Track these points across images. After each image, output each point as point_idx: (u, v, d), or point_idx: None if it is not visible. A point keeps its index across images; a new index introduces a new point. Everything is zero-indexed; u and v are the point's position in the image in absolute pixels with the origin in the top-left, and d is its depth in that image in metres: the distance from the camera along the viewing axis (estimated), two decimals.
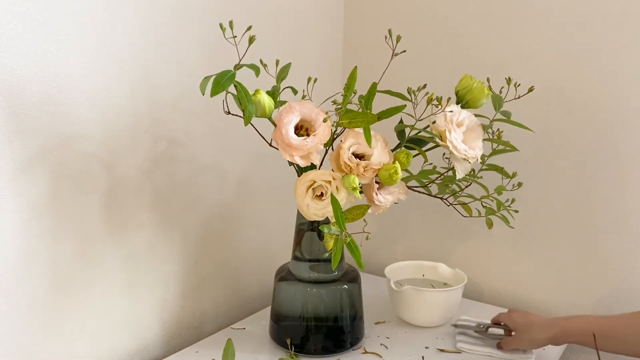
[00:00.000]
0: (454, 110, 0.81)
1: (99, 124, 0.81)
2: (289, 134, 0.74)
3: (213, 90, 0.68)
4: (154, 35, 0.86)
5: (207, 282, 1.03)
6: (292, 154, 0.75)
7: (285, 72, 0.80)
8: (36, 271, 0.77)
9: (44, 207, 0.76)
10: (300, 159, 0.75)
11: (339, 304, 0.90)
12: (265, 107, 0.75)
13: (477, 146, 0.82)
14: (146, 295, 0.93)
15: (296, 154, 0.75)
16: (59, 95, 0.75)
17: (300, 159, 0.75)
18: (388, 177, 0.77)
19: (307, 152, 0.75)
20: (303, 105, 0.76)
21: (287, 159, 0.75)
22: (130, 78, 0.84)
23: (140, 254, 0.90)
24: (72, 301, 0.82)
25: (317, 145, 0.75)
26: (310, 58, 1.18)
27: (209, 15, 0.93)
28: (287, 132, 0.74)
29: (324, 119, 0.75)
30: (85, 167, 0.80)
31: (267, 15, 1.05)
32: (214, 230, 1.03)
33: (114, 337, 0.89)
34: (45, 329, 0.79)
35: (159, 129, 0.90)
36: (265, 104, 0.75)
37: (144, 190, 0.89)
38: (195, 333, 1.02)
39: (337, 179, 0.77)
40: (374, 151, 0.77)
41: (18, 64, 0.71)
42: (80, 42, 0.77)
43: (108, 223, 0.85)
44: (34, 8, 0.71)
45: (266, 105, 0.75)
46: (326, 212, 0.77)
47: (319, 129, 0.75)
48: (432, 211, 1.21)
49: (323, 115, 0.76)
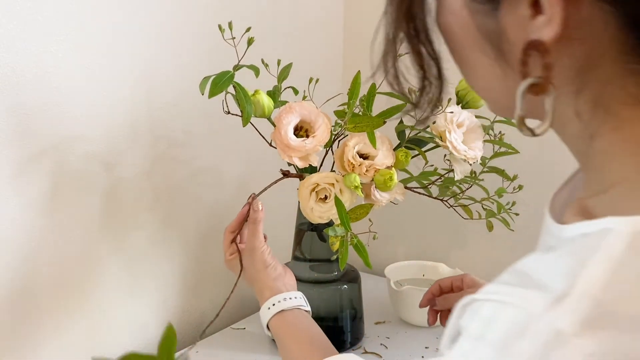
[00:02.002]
0: (455, 111, 0.81)
1: (99, 124, 0.81)
2: (287, 134, 0.74)
3: (211, 91, 0.68)
4: (154, 35, 0.86)
5: (207, 282, 1.03)
6: (290, 154, 0.75)
7: (287, 72, 0.80)
8: (36, 271, 0.77)
9: (44, 207, 0.76)
10: (298, 160, 0.75)
11: (339, 304, 0.90)
12: (264, 108, 0.75)
13: (477, 147, 0.82)
14: (146, 295, 0.93)
15: (294, 155, 0.75)
16: (59, 95, 0.75)
17: (298, 160, 0.75)
18: (382, 182, 0.76)
19: (305, 154, 0.75)
20: (303, 106, 0.76)
21: (285, 159, 0.76)
22: (130, 78, 0.84)
23: (140, 253, 0.90)
24: (72, 301, 0.82)
25: (316, 146, 0.75)
26: (310, 58, 1.18)
27: (209, 15, 0.93)
28: (286, 132, 0.74)
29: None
30: (85, 167, 0.80)
31: (267, 15, 1.05)
32: (214, 230, 1.03)
33: (113, 337, 0.89)
34: (45, 328, 0.79)
35: (159, 129, 0.90)
36: (265, 105, 0.75)
37: (144, 190, 0.89)
38: (195, 333, 1.02)
39: (340, 181, 0.77)
40: (379, 152, 0.77)
41: (18, 64, 0.71)
42: (80, 42, 0.77)
43: (108, 223, 0.85)
44: (34, 8, 0.71)
45: (265, 105, 0.75)
46: (330, 214, 0.77)
47: (318, 130, 0.75)
48: (432, 211, 1.20)
49: (323, 116, 0.76)
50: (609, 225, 0.32)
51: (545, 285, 0.31)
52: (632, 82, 0.35)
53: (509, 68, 0.37)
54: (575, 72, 0.35)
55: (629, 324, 0.29)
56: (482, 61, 0.39)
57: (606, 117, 0.36)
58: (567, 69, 0.35)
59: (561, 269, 0.32)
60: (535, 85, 0.35)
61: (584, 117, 0.36)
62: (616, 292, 0.30)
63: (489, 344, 0.32)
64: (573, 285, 0.30)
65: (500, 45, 0.37)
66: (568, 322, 0.29)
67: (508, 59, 0.37)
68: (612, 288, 0.30)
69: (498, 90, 0.39)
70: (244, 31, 0.72)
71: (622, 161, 0.36)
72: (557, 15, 0.33)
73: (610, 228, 0.32)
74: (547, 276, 0.32)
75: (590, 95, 0.36)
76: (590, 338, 0.29)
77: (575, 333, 0.29)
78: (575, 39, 0.34)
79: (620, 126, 0.35)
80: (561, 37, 0.33)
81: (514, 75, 0.36)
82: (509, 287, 0.33)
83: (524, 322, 0.31)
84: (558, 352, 0.29)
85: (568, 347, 0.29)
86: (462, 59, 0.41)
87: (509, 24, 0.35)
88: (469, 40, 0.39)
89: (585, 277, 0.30)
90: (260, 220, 0.78)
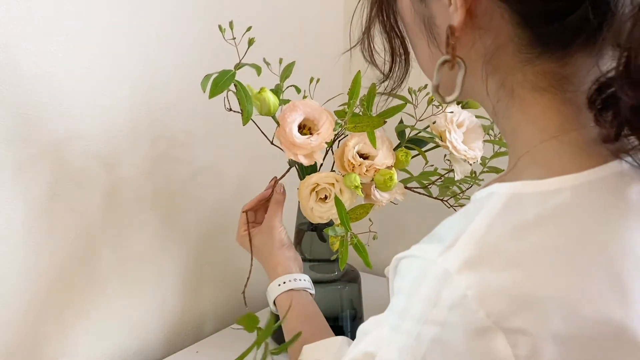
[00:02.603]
0: (455, 110, 0.81)
1: (99, 123, 0.81)
2: (292, 132, 0.74)
3: (212, 91, 0.68)
4: (154, 35, 0.86)
5: (207, 282, 1.03)
6: (295, 152, 0.75)
7: (289, 71, 0.80)
8: (36, 271, 0.76)
9: (44, 207, 0.76)
10: (304, 158, 0.75)
11: (339, 304, 0.90)
12: (270, 105, 0.75)
13: (477, 147, 0.82)
14: (146, 295, 0.93)
15: (300, 152, 0.75)
16: (59, 95, 0.75)
17: (304, 157, 0.75)
18: (382, 182, 0.76)
19: (310, 151, 0.75)
20: (306, 104, 0.76)
21: (290, 157, 0.76)
22: (130, 78, 0.84)
23: (140, 254, 0.90)
24: (72, 301, 0.82)
25: (321, 143, 0.75)
26: (311, 58, 1.18)
27: (210, 15, 0.93)
28: (291, 130, 0.74)
29: None
30: (85, 167, 0.80)
31: (267, 15, 1.05)
32: (214, 230, 1.03)
33: (113, 337, 0.89)
34: (45, 328, 0.79)
35: (159, 129, 0.90)
36: (270, 102, 0.75)
37: (144, 190, 0.89)
38: (195, 333, 1.02)
39: (340, 181, 0.78)
40: (379, 152, 0.77)
41: (18, 64, 0.71)
42: (81, 42, 0.77)
43: (108, 223, 0.85)
44: (34, 8, 0.71)
45: (271, 103, 0.75)
46: (330, 214, 0.77)
47: (322, 127, 0.75)
48: (432, 211, 1.20)
49: (326, 113, 0.76)
50: (494, 190, 0.40)
51: (443, 239, 0.39)
52: (530, 71, 0.41)
53: (436, 49, 0.45)
54: (485, 58, 0.42)
55: (500, 264, 0.36)
56: (421, 42, 0.47)
57: (512, 100, 0.43)
58: (478, 54, 0.42)
59: (456, 225, 0.39)
60: (449, 61, 0.42)
61: (493, 99, 0.44)
62: (491, 240, 0.37)
63: (404, 293, 0.40)
64: (460, 236, 0.37)
65: (431, 29, 0.45)
66: (453, 263, 0.36)
67: (437, 40, 0.45)
68: (488, 237, 0.37)
69: (431, 68, 0.46)
70: (245, 30, 0.72)
71: (525, 137, 0.42)
72: (461, 5, 0.40)
73: (494, 192, 0.40)
74: (446, 232, 0.40)
75: (498, 79, 0.43)
76: (470, 274, 0.36)
77: (459, 271, 0.36)
78: (480, 28, 0.41)
79: (523, 108, 0.42)
80: (468, 24, 0.41)
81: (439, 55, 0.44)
82: (420, 244, 0.42)
83: (423, 269, 0.39)
84: (447, 288, 0.36)
85: (454, 283, 0.36)
86: (411, 40, 0.50)
87: (437, 11, 0.43)
88: (411, 23, 0.47)
89: (469, 229, 0.38)
90: (283, 202, 0.81)
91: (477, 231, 0.37)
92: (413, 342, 0.38)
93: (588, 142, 0.40)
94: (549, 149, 0.41)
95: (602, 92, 0.39)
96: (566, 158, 0.40)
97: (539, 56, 0.40)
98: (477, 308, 0.35)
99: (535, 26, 0.39)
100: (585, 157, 0.40)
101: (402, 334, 0.39)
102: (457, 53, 0.42)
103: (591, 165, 0.39)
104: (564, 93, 0.41)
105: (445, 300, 0.36)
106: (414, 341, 0.38)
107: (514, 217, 0.38)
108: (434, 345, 0.37)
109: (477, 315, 0.35)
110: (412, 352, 0.38)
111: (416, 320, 0.38)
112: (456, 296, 0.35)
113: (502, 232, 0.37)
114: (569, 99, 0.41)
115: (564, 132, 0.41)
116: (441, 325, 0.36)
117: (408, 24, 0.48)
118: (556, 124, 0.41)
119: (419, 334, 0.37)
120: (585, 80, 0.41)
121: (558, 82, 0.41)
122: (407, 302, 0.39)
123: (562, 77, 0.41)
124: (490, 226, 0.37)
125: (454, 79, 0.43)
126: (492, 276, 0.35)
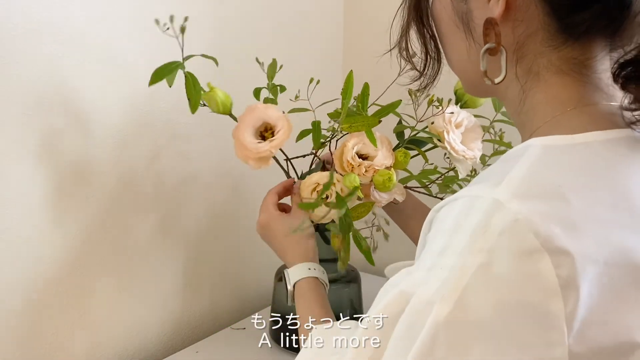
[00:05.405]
0: (453, 111, 0.81)
1: (99, 123, 0.81)
2: (244, 134, 0.74)
3: (151, 79, 0.69)
4: (154, 35, 0.86)
5: (207, 282, 1.04)
6: (245, 154, 0.75)
7: (274, 71, 0.80)
8: (36, 271, 0.77)
9: (44, 207, 0.76)
10: (252, 162, 0.75)
11: (339, 304, 0.90)
12: (218, 103, 0.75)
13: (476, 147, 0.82)
14: (146, 295, 0.93)
15: (248, 155, 0.75)
16: (59, 95, 0.75)
17: (252, 161, 0.75)
18: (381, 183, 0.76)
19: (258, 156, 0.75)
20: (267, 108, 0.76)
21: (239, 158, 0.75)
22: (130, 77, 0.84)
23: (140, 253, 0.90)
24: (72, 301, 0.82)
25: (269, 150, 0.74)
26: (310, 59, 1.18)
27: (210, 14, 0.93)
28: (243, 132, 0.74)
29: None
30: (85, 167, 0.80)
31: (267, 15, 1.06)
32: (214, 230, 1.03)
33: (113, 337, 0.89)
34: (45, 328, 0.79)
35: (159, 129, 0.90)
36: (218, 100, 0.75)
37: (144, 190, 0.89)
38: (195, 333, 1.02)
39: (341, 180, 0.77)
40: (379, 153, 0.77)
41: (19, 64, 0.71)
42: (80, 43, 0.77)
43: (108, 223, 0.85)
44: (35, 8, 0.71)
45: (220, 101, 0.75)
46: (331, 214, 0.77)
47: (277, 134, 0.75)
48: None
49: (284, 121, 0.75)
50: (529, 143, 0.46)
51: (487, 180, 0.43)
52: (555, 56, 0.48)
53: (473, 42, 0.51)
54: (517, 45, 0.49)
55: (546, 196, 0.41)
56: (456, 36, 0.53)
57: (536, 82, 0.49)
58: (511, 42, 0.49)
59: (497, 171, 0.44)
60: (491, 49, 0.48)
61: (522, 80, 0.50)
62: (535, 178, 0.42)
63: (443, 233, 0.43)
64: (504, 177, 0.42)
65: (468, 23, 0.51)
66: (503, 194, 0.40)
67: (473, 34, 0.51)
68: (532, 176, 0.42)
69: (466, 61, 0.53)
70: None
71: (545, 111, 0.48)
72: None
73: (530, 144, 0.46)
74: (489, 176, 0.44)
75: (527, 64, 0.49)
76: (518, 204, 0.39)
77: (509, 200, 0.40)
78: (516, 20, 0.47)
79: (546, 89, 0.48)
80: (506, 16, 0.47)
81: (476, 48, 0.51)
82: (461, 191, 0.45)
83: (470, 203, 0.42)
84: (496, 216, 0.40)
85: (504, 210, 0.39)
86: (444, 36, 0.55)
87: (475, 7, 0.50)
88: (449, 20, 0.53)
89: (513, 171, 0.43)
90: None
91: (521, 172, 0.42)
92: (456, 274, 0.40)
93: (604, 114, 0.47)
94: (571, 116, 0.47)
95: (623, 69, 0.45)
96: (588, 122, 0.46)
97: (564, 43, 0.47)
98: (527, 230, 0.38)
99: (562, 15, 0.46)
100: (605, 123, 0.46)
101: (441, 270, 0.41)
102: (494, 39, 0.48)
103: (612, 128, 0.46)
104: (582, 76, 0.47)
105: (495, 227, 0.39)
106: (457, 273, 0.40)
107: (552, 161, 0.44)
108: (478, 273, 0.39)
109: (526, 237, 0.38)
110: (453, 285, 0.39)
111: (458, 253, 0.40)
112: (507, 221, 0.39)
113: (544, 173, 0.42)
114: (587, 81, 0.48)
115: (583, 105, 0.47)
116: (488, 251, 0.39)
117: (444, 21, 0.54)
118: (575, 100, 0.47)
119: (463, 266, 0.40)
120: (600, 65, 0.48)
121: (578, 66, 0.47)
122: (448, 240, 0.42)
123: (581, 62, 0.47)
124: (531, 168, 0.43)
125: (498, 63, 0.49)
126: (540, 204, 0.40)
